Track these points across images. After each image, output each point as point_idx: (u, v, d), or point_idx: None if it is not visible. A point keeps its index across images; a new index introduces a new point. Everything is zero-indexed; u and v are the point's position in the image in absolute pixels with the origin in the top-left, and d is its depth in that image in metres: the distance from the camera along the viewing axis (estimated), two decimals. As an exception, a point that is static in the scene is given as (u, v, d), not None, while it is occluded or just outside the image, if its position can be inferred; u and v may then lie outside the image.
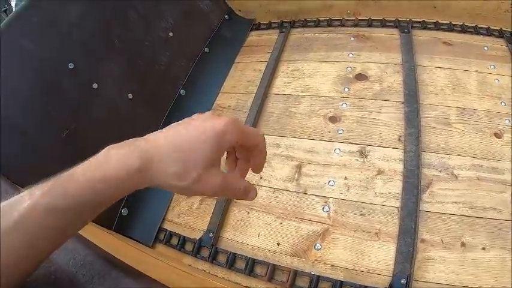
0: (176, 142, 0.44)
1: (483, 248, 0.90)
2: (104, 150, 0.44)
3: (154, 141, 0.45)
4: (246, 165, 0.54)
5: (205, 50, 1.56)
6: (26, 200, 0.40)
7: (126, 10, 1.30)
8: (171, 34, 1.43)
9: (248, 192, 0.52)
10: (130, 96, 1.25)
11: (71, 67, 1.10)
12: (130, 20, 1.30)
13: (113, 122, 1.19)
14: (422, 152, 1.08)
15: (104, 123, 1.16)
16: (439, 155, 1.08)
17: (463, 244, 0.92)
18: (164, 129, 0.47)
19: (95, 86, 1.16)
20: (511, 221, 0.93)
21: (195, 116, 0.49)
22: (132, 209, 1.18)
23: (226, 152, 0.51)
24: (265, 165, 0.50)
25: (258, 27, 1.70)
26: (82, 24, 1.15)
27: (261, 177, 1.14)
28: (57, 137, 1.05)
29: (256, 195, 0.53)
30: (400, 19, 1.50)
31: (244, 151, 0.53)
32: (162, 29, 1.42)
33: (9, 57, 0.99)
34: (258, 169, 0.55)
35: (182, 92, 1.42)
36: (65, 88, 1.09)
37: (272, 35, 1.61)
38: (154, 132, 0.47)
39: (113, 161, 0.42)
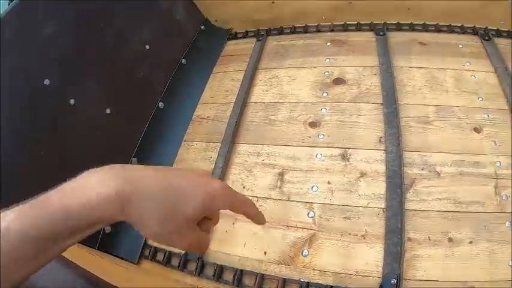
0: (168, 184, 0.41)
1: (470, 242, 0.91)
2: (83, 174, 0.41)
3: (141, 171, 0.42)
4: (212, 225, 0.50)
5: (183, 61, 1.54)
6: None
7: (102, 24, 1.27)
8: (147, 47, 1.41)
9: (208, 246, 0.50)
10: (108, 111, 1.22)
11: (47, 83, 1.07)
12: (107, 34, 1.28)
13: (92, 138, 1.16)
14: (403, 152, 1.08)
15: (83, 140, 1.14)
16: (420, 153, 1.08)
17: (450, 239, 0.92)
18: (152, 167, 0.44)
19: (71, 101, 1.12)
20: (495, 213, 0.95)
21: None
22: (115, 225, 1.15)
23: None
24: (247, 174, 0.48)
25: (234, 36, 1.70)
26: (57, 39, 1.12)
27: (244, 187, 1.12)
28: (35, 156, 1.02)
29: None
30: (375, 22, 1.51)
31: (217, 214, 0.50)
32: (139, 41, 1.40)
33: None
34: (261, 222, 0.53)
35: (161, 104, 1.40)
36: (41, 105, 1.06)
37: (249, 44, 1.61)
38: (141, 166, 0.44)
39: (91, 187, 0.39)
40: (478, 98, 1.19)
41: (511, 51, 1.29)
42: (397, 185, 1.01)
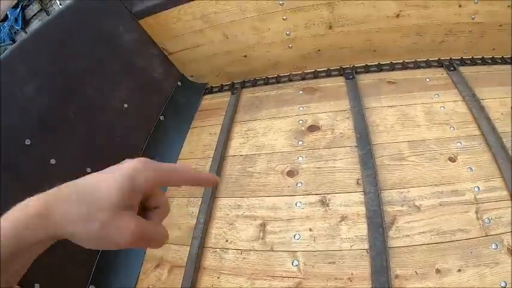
0: (80, 185, 0.41)
1: (459, 270, 0.90)
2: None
3: (60, 187, 0.41)
4: (163, 213, 0.48)
5: (161, 118, 1.56)
6: None
7: (82, 84, 1.30)
8: (126, 105, 1.43)
9: (166, 239, 0.46)
10: (89, 170, 1.20)
11: (28, 143, 1.07)
12: (87, 94, 1.31)
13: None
14: (382, 191, 1.10)
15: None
16: (398, 190, 1.10)
17: (437, 271, 0.91)
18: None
19: (52, 161, 1.13)
20: (479, 238, 0.95)
21: None
22: (99, 284, 1.12)
23: None
24: (229, 227, 0.47)
25: (210, 90, 1.74)
26: (38, 99, 1.14)
27: (227, 240, 1.12)
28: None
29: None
30: (343, 66, 1.56)
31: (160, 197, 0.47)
32: (118, 100, 1.42)
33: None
34: (211, 181, 0.50)
35: (141, 161, 1.40)
36: (22, 165, 1.06)
37: (224, 97, 1.66)
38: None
39: (16, 209, 0.39)
40: (450, 127, 1.22)
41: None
42: (378, 225, 1.01)
